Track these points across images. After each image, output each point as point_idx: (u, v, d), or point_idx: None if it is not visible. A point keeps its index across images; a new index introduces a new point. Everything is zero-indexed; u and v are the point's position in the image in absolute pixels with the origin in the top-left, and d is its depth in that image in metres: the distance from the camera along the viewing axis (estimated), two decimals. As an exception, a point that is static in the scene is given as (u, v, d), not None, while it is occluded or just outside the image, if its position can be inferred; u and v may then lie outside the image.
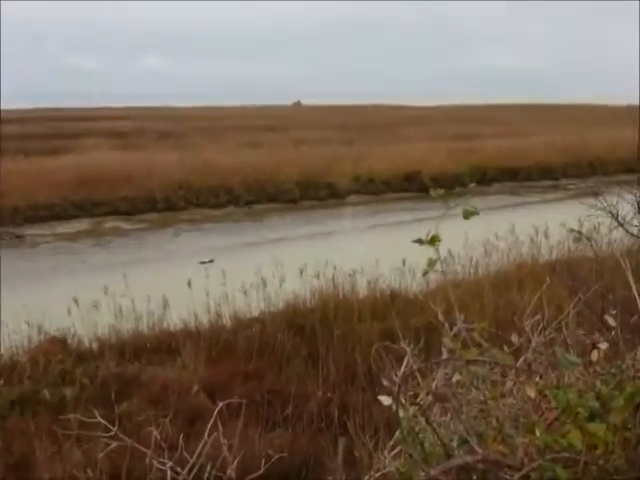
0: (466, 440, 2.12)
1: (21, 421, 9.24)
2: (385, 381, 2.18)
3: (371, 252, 15.74)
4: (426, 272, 2.27)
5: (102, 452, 5.91)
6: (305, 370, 10.68)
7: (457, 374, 2.29)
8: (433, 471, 1.99)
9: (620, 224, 6.78)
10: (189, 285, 12.15)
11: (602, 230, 11.78)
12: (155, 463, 2.35)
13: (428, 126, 52.25)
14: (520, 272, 13.86)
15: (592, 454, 2.05)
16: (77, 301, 11.72)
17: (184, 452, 2.41)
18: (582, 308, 3.07)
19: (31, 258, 21.32)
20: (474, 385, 2.32)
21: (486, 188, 34.47)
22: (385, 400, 2.18)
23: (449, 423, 2.30)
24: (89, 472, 7.51)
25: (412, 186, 33.23)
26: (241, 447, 2.84)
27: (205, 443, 2.42)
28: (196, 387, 10.06)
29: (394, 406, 2.14)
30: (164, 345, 11.85)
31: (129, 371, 10.84)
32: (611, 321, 2.62)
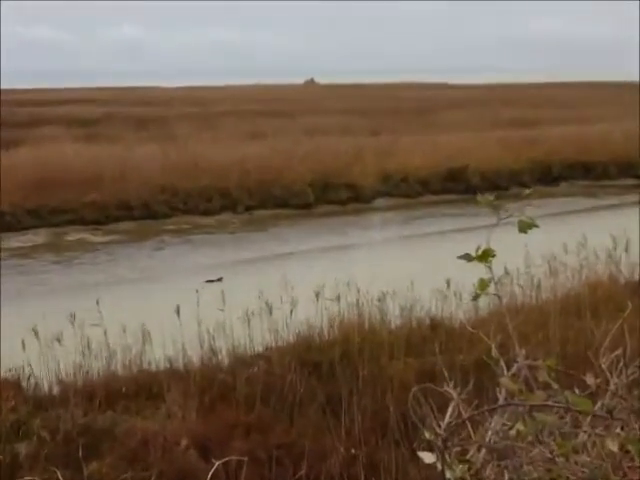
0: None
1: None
2: (426, 433, 2.20)
3: (405, 270, 15.74)
4: (477, 296, 2.29)
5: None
6: (323, 420, 10.68)
7: (518, 424, 2.30)
8: None
9: None
10: (177, 313, 12.17)
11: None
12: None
13: (474, 110, 52.26)
14: (594, 295, 13.83)
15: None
16: (35, 333, 11.77)
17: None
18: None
19: (-25, 280, 21.46)
20: (539, 438, 2.33)
21: (552, 189, 34.41)
22: (427, 457, 2.20)
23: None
24: None
25: (456, 186, 33.27)
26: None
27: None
28: (185, 442, 10.08)
29: (438, 465, 2.16)
30: (144, 389, 11.87)
31: (100, 422, 10.86)
32: None
